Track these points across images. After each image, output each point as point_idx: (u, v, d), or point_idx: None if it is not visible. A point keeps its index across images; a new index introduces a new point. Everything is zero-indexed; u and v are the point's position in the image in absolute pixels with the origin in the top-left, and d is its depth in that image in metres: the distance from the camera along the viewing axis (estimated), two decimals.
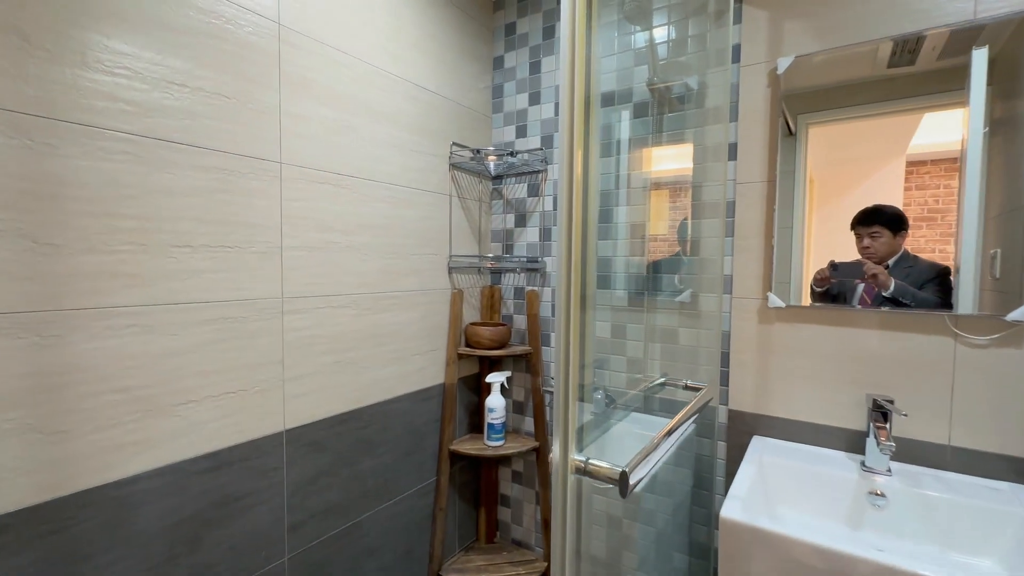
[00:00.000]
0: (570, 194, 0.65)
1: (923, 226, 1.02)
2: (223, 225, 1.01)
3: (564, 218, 0.65)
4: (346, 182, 1.25)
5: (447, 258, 1.59)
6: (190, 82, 0.94)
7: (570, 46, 0.63)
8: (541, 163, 1.64)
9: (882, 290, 1.09)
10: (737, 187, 1.31)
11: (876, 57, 1.10)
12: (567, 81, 0.64)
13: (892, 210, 1.07)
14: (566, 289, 0.68)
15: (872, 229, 1.09)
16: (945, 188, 0.96)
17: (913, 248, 1.05)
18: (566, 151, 0.64)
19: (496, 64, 1.75)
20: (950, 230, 0.99)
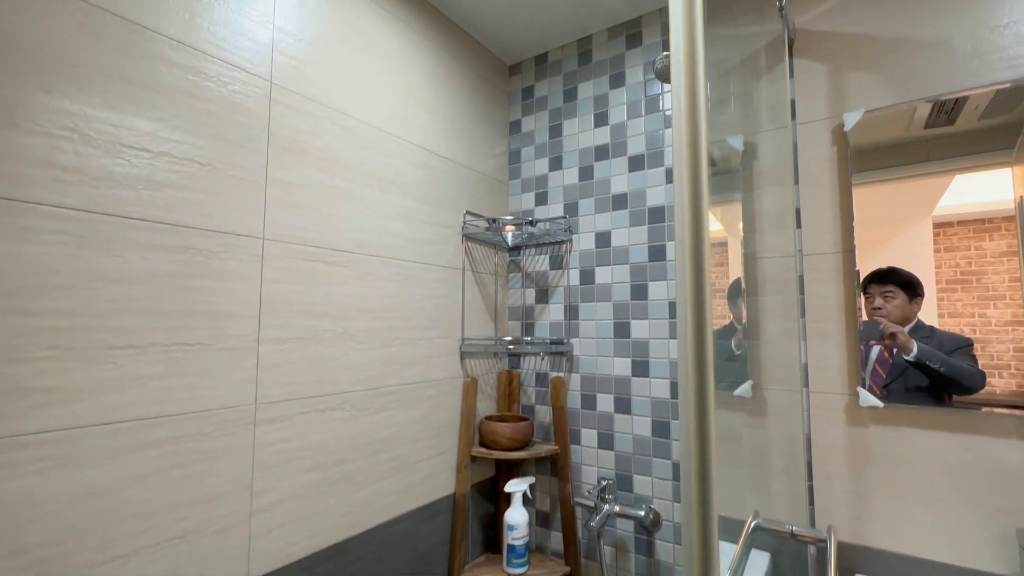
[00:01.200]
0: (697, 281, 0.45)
1: (957, 289, 0.93)
2: (184, 317, 0.80)
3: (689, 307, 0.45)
4: (343, 258, 1.06)
5: (459, 342, 1.37)
6: (154, 146, 0.78)
7: (688, 96, 0.46)
8: (565, 232, 1.46)
9: (904, 353, 0.97)
10: (805, 259, 1.10)
11: (913, 117, 1.00)
12: (685, 139, 0.47)
13: (908, 274, 0.98)
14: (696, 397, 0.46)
15: (886, 288, 1.00)
16: (976, 250, 0.90)
17: (950, 313, 0.94)
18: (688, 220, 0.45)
19: (512, 128, 1.62)
20: (987, 293, 0.90)
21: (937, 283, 0.94)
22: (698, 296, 0.48)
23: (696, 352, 0.48)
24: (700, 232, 0.48)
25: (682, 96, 0.50)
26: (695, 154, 0.49)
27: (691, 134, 0.49)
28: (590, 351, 1.40)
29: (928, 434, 0.96)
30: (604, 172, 1.41)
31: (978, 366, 0.91)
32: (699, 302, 0.48)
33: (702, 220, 0.48)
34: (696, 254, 0.48)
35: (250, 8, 0.91)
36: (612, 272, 1.38)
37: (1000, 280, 0.89)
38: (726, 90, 1.23)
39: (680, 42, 0.50)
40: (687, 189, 0.49)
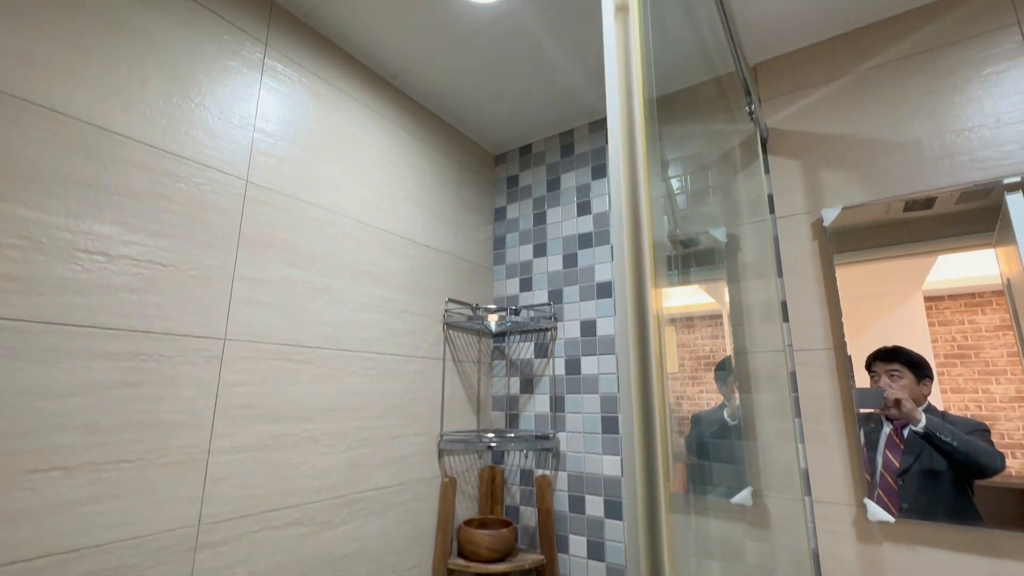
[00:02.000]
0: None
1: (957, 364, 0.90)
2: (124, 431, 0.73)
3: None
4: (312, 355, 1.01)
5: (437, 438, 1.29)
6: (113, 249, 0.75)
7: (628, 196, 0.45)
8: (549, 320, 1.42)
9: (911, 424, 0.91)
10: (795, 354, 1.06)
11: (891, 205, 1.01)
12: (625, 232, 0.46)
13: (915, 354, 0.94)
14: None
15: (892, 367, 0.95)
16: (971, 324, 0.89)
17: (952, 388, 0.90)
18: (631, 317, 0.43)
19: (498, 215, 1.64)
20: (988, 368, 0.87)
21: (936, 357, 0.92)
22: (644, 376, 0.43)
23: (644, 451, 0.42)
24: (644, 317, 0.44)
25: (621, 183, 0.47)
26: (635, 228, 0.46)
27: (632, 211, 0.47)
28: (577, 447, 1.31)
29: (949, 556, 0.86)
30: (588, 260, 1.40)
31: (995, 449, 0.85)
32: (645, 384, 0.43)
33: (644, 296, 0.44)
34: (641, 339, 0.44)
35: (231, 112, 0.93)
36: (599, 363, 1.32)
37: (999, 355, 0.87)
38: (705, 183, 1.25)
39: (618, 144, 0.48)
40: (628, 271, 0.46)
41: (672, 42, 1.13)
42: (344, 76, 1.18)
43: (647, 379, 0.45)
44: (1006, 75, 0.94)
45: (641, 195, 0.49)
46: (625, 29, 0.47)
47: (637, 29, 0.48)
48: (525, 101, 1.39)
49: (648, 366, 0.45)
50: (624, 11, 0.47)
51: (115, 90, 0.78)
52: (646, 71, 0.49)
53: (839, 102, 1.10)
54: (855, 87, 1.08)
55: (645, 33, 0.51)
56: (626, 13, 0.47)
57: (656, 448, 0.44)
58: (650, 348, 0.45)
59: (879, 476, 0.92)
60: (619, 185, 0.49)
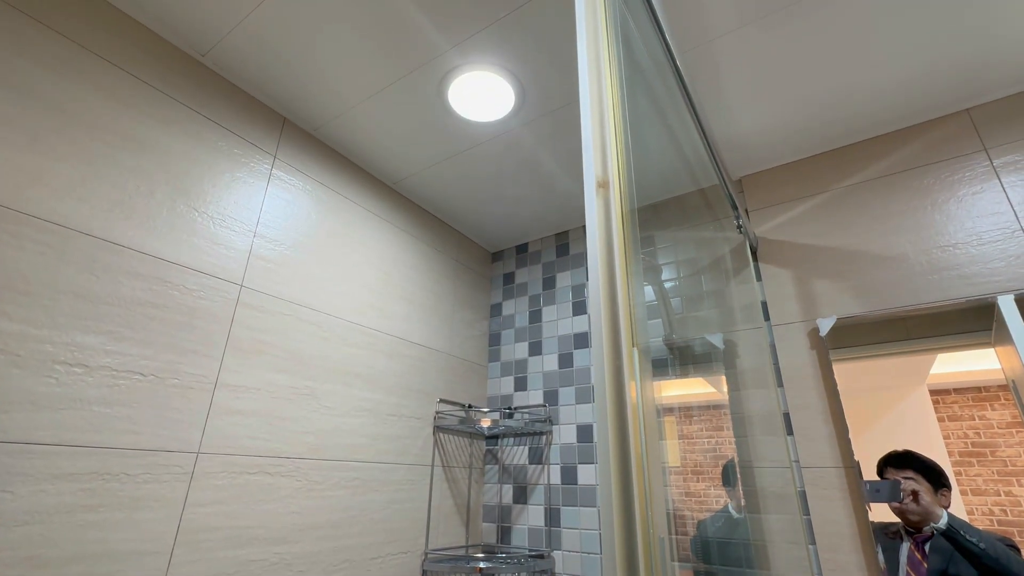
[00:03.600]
0: None
1: (973, 463, 0.85)
2: (74, 563, 0.66)
3: None
4: (291, 467, 0.95)
5: (421, 556, 1.18)
6: (93, 360, 0.73)
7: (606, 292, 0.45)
8: (544, 423, 1.36)
9: (931, 521, 0.85)
10: (804, 472, 1.00)
11: None
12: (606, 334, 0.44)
13: (929, 460, 0.88)
14: None
15: (905, 473, 0.89)
16: (982, 419, 0.85)
17: (972, 489, 0.84)
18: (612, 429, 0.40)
19: (493, 311, 1.64)
20: (1006, 468, 0.82)
21: (950, 455, 0.87)
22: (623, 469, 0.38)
23: None
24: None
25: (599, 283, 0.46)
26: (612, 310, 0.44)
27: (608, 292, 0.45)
28: (575, 568, 1.20)
29: None
30: (584, 361, 1.38)
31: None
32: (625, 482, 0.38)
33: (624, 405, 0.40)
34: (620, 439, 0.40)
35: (234, 220, 0.95)
36: (596, 472, 1.25)
37: (1016, 454, 0.82)
38: (699, 288, 1.26)
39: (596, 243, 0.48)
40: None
41: (656, 154, 1.20)
42: (347, 183, 1.23)
43: (628, 486, 0.41)
44: (980, 197, 0.98)
45: (619, 294, 0.48)
46: (606, 205, 0.50)
47: (618, 207, 0.51)
48: (522, 203, 1.45)
49: (628, 468, 0.41)
50: (605, 188, 0.50)
51: (119, 202, 0.80)
52: (631, 232, 0.51)
53: (824, 215, 1.13)
54: (839, 202, 1.13)
55: (629, 206, 0.54)
56: (607, 189, 0.50)
57: (637, 549, 0.39)
58: (629, 444, 0.42)
59: None
60: (595, 263, 0.48)
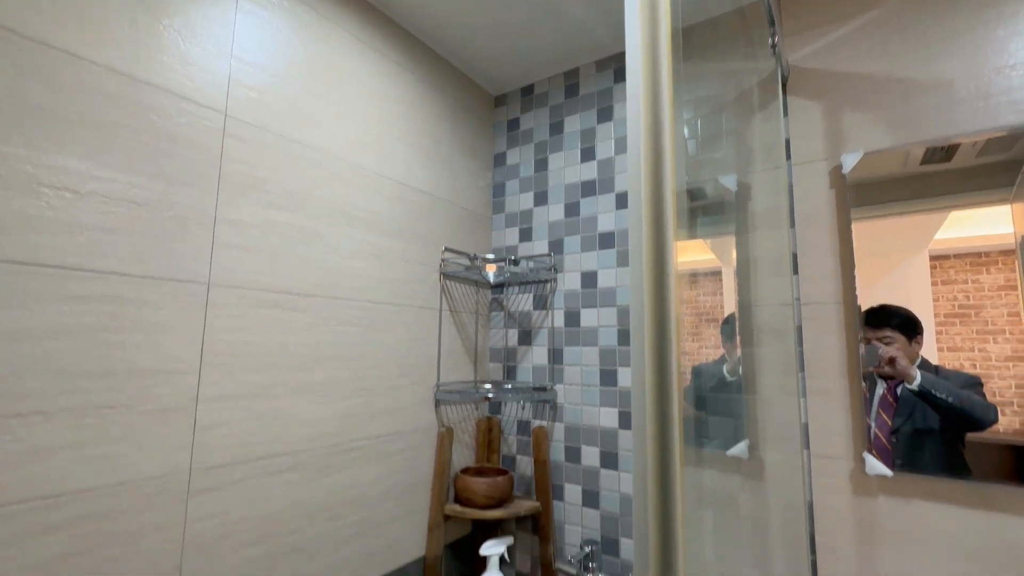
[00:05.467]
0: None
1: (956, 323, 0.89)
2: (104, 377, 0.71)
3: None
4: (302, 303, 0.97)
5: (434, 388, 1.28)
6: (81, 186, 0.69)
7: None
8: (549, 271, 1.38)
9: (906, 382, 0.90)
10: (803, 308, 1.02)
11: (908, 156, 0.96)
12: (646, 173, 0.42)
13: (904, 313, 0.92)
14: None
15: (882, 333, 0.93)
16: (974, 283, 0.88)
17: (949, 347, 0.89)
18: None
19: (497, 161, 1.56)
20: (987, 327, 0.86)
21: (936, 317, 0.90)
22: (660, 308, 0.40)
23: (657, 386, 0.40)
24: (663, 252, 0.40)
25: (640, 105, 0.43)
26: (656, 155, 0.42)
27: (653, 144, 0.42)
28: (575, 399, 1.30)
29: (943, 508, 0.86)
30: (590, 209, 1.34)
31: (987, 400, 0.85)
32: (661, 318, 0.40)
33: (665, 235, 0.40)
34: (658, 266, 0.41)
35: (205, 38, 0.85)
36: (599, 315, 1.29)
37: (999, 314, 0.85)
38: (718, 127, 1.17)
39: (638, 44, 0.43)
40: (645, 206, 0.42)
41: None
42: (330, 1, 1.07)
43: (664, 339, 0.42)
44: None
45: (665, 135, 0.44)
46: (653, 14, 0.42)
47: (667, 19, 0.43)
48: (527, 35, 1.29)
49: (666, 325, 0.41)
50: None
51: (70, 7, 0.70)
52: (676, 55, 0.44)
53: (869, 37, 1.01)
54: (888, 21, 0.99)
55: (675, 23, 0.45)
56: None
57: (672, 407, 0.41)
58: (669, 307, 0.42)
59: (873, 435, 0.91)
60: (639, 122, 0.44)
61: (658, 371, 0.42)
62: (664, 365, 0.42)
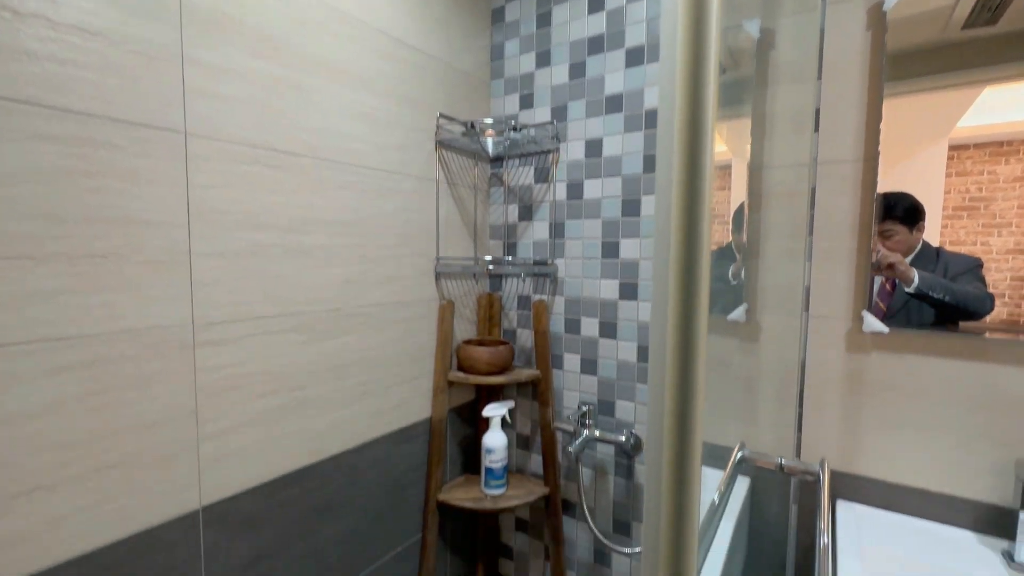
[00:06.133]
0: None
1: (963, 216, 0.86)
2: (89, 224, 0.68)
3: None
4: (289, 163, 0.92)
5: (433, 261, 1.27)
6: (20, 5, 0.61)
7: None
8: (551, 140, 1.30)
9: (904, 285, 0.89)
10: (820, 168, 0.97)
11: (951, 16, 0.85)
12: None
13: (906, 202, 0.89)
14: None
15: (884, 227, 0.91)
16: (989, 175, 0.84)
17: (952, 241, 0.87)
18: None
19: (495, 17, 1.40)
20: (993, 220, 0.84)
21: (944, 210, 0.87)
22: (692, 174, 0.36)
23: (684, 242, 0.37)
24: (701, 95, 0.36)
25: None
26: None
27: None
28: (576, 272, 1.30)
29: (933, 361, 0.88)
30: (597, 69, 1.23)
31: (987, 288, 0.84)
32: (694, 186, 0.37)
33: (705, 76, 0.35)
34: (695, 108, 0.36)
35: None
36: (603, 185, 1.24)
37: (1009, 207, 0.83)
38: None
39: None
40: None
41: None
42: None
43: (696, 213, 0.37)
44: None
45: None
46: None
47: None
48: None
49: (699, 199, 0.36)
50: None
51: None
52: None
53: None
54: None
55: None
56: None
57: (700, 280, 0.38)
58: (704, 183, 0.36)
59: (873, 305, 0.91)
60: None
61: (687, 221, 0.37)
62: (695, 215, 0.37)
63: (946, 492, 0.88)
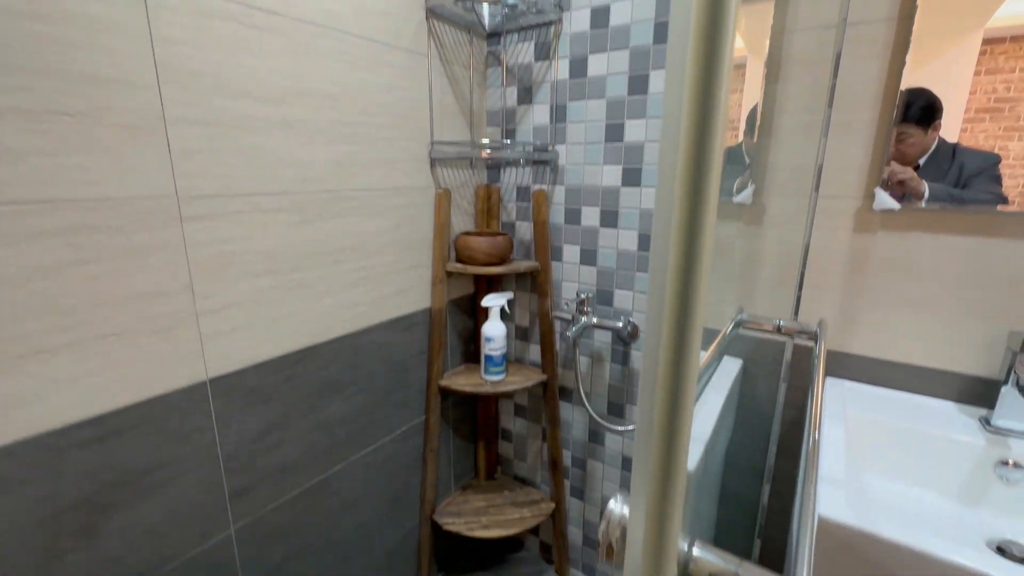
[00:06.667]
0: None
1: (986, 119, 0.80)
2: (48, 76, 0.62)
3: None
4: (263, 21, 0.83)
5: (428, 146, 1.20)
6: None
7: None
8: (554, 8, 1.18)
9: (915, 199, 0.87)
10: (848, 30, 0.88)
11: None
12: None
13: (924, 99, 0.83)
14: None
15: (900, 128, 0.86)
16: (1021, 71, 0.77)
17: (970, 144, 0.82)
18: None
19: None
20: (1017, 123, 0.78)
21: (966, 112, 0.81)
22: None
23: None
24: None
25: None
26: None
27: None
28: (577, 159, 1.24)
29: (939, 238, 0.86)
30: None
31: (1001, 189, 0.80)
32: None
33: None
34: None
35: None
36: (608, 60, 1.14)
37: None
38: None
39: None
40: None
41: None
42: None
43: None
44: None
45: None
46: None
47: None
48: None
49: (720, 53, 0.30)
50: None
51: None
52: None
53: None
54: None
55: None
56: None
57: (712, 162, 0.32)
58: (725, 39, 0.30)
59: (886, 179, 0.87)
60: None
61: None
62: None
63: (934, 367, 0.91)
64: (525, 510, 1.42)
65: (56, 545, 0.69)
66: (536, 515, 1.39)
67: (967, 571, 0.54)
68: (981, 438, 0.80)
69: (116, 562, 0.76)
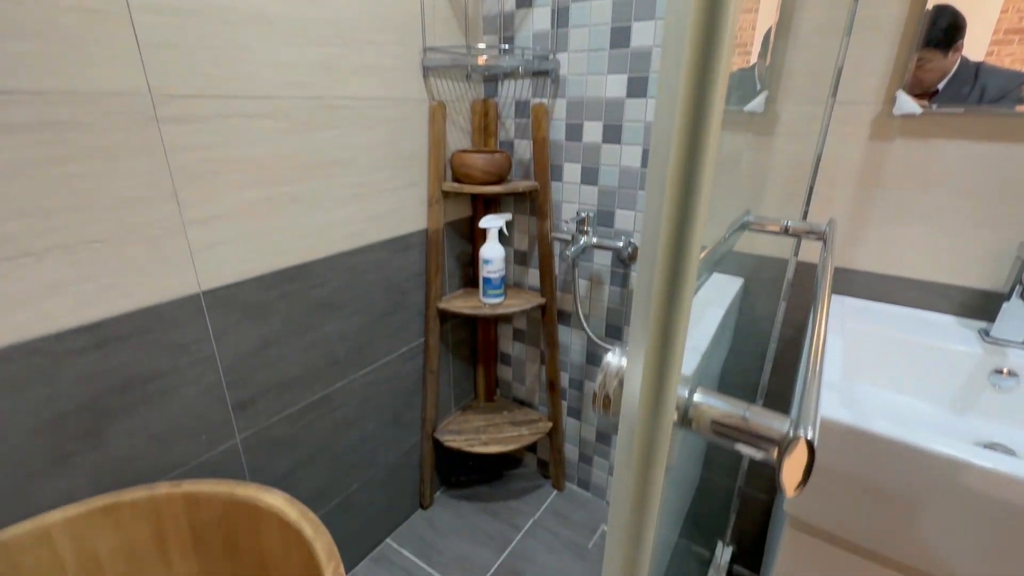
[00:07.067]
0: None
1: (1014, 40, 0.74)
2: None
3: None
4: None
5: (419, 52, 1.12)
6: None
7: None
8: None
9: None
10: None
11: None
12: None
13: (946, 18, 0.77)
14: None
15: (916, 55, 0.80)
16: None
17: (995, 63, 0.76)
18: None
19: None
20: None
21: (995, 33, 0.74)
22: None
23: None
24: None
25: None
26: None
27: None
28: (580, 69, 1.16)
29: (959, 144, 0.82)
30: None
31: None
32: None
33: None
34: None
35: None
36: None
37: None
38: None
39: None
40: None
41: None
42: None
43: None
44: None
45: None
46: None
47: None
48: None
49: None
50: None
51: None
52: None
53: None
54: None
55: None
56: None
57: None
58: None
59: None
60: None
61: None
62: None
63: (939, 280, 0.89)
64: (523, 428, 1.46)
65: (63, 446, 0.71)
66: (534, 433, 1.44)
67: (954, 461, 0.55)
68: (979, 348, 0.79)
69: (124, 464, 0.78)
